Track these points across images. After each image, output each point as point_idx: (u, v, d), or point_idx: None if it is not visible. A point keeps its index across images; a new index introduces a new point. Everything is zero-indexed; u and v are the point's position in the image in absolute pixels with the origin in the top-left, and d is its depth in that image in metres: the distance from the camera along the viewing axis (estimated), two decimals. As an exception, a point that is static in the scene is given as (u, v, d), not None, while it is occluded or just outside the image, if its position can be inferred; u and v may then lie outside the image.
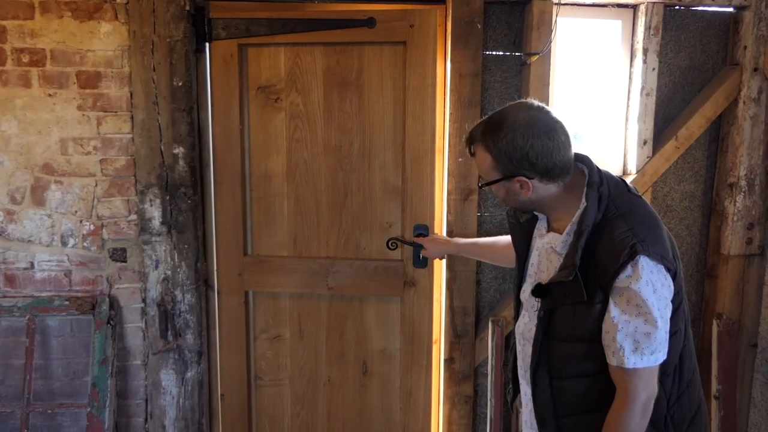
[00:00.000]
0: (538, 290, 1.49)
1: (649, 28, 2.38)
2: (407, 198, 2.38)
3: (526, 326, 1.59)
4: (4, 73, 2.26)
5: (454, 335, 2.47)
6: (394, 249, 2.36)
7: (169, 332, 2.41)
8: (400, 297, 2.44)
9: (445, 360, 2.49)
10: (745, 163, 2.45)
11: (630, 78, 2.48)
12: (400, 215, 2.41)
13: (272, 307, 2.54)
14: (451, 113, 2.36)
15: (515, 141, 1.39)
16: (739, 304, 2.54)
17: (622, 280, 1.34)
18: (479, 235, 2.42)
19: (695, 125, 2.44)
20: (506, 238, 2.01)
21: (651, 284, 1.35)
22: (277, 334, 2.56)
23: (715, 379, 2.52)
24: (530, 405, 1.59)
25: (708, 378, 2.55)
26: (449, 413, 2.52)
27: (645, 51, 2.40)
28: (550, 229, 1.55)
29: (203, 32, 2.33)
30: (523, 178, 1.42)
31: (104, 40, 2.26)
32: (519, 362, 1.66)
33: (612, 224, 1.39)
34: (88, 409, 2.30)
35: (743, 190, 2.46)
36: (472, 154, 1.48)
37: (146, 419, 2.48)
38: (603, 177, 1.46)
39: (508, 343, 2.45)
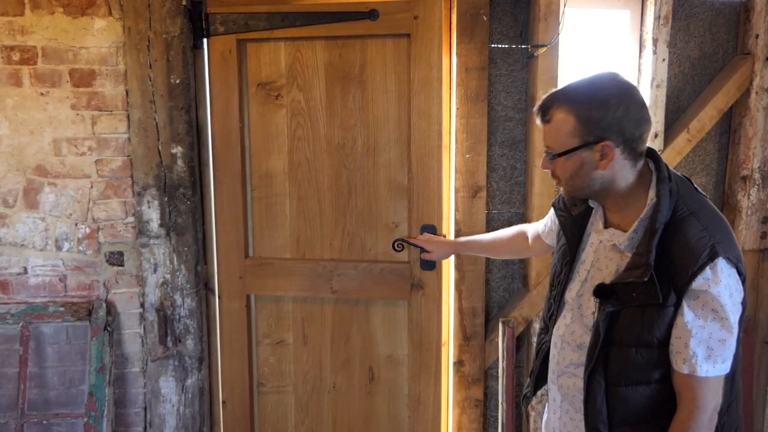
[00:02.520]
0: (602, 290, 1.41)
1: (659, 17, 2.39)
2: (413, 196, 2.37)
3: (568, 328, 1.54)
4: (-6, 72, 2.24)
5: (464, 337, 2.47)
6: (400, 250, 2.35)
7: (169, 338, 2.41)
8: (407, 300, 2.43)
9: (455, 363, 2.49)
10: (759, 155, 2.46)
11: (639, 69, 2.49)
12: (407, 215, 2.40)
13: (275, 312, 2.54)
14: (457, 108, 2.37)
15: (609, 101, 1.34)
16: (754, 300, 2.55)
17: (700, 283, 1.30)
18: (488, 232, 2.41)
19: (707, 117, 2.44)
20: (509, 230, 2.02)
21: (728, 288, 1.32)
22: (280, 339, 2.55)
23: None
24: (559, 412, 1.57)
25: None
26: (459, 418, 2.52)
27: (654, 41, 2.41)
28: (608, 224, 1.49)
29: (201, 28, 2.33)
30: (609, 144, 1.35)
31: (98, 37, 2.26)
32: (552, 366, 1.61)
33: (685, 223, 1.35)
34: (85, 419, 2.29)
35: (757, 182, 2.47)
36: (546, 121, 1.40)
37: (145, 428, 2.47)
38: (671, 173, 1.41)
39: (519, 344, 2.47)
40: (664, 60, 2.43)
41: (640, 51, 2.49)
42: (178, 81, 2.28)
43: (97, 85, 2.29)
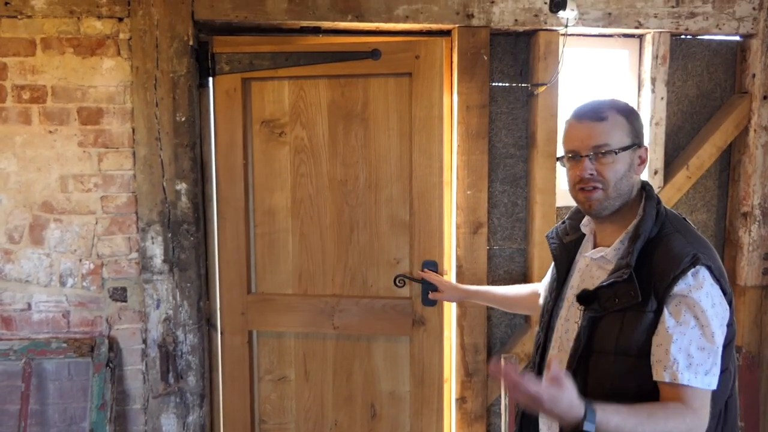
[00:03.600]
0: (585, 296, 1.46)
1: (657, 57, 2.47)
2: (415, 233, 2.40)
3: (556, 357, 1.55)
4: (4, 110, 2.32)
5: (466, 374, 2.48)
6: (401, 286, 2.39)
7: (171, 374, 2.42)
8: (409, 336, 2.44)
9: (457, 400, 2.50)
10: (759, 191, 2.51)
11: (638, 107, 2.55)
12: (408, 250, 2.42)
13: (277, 348, 2.55)
14: (458, 145, 2.42)
15: (638, 114, 1.50)
16: (758, 337, 2.57)
17: (681, 287, 1.33)
18: (489, 269, 2.48)
19: (706, 154, 2.50)
20: (524, 288, 2.04)
21: (710, 297, 1.34)
22: (282, 375, 2.56)
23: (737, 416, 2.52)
24: None
25: (729, 415, 2.57)
26: (462, 456, 2.51)
27: (653, 80, 2.48)
28: (596, 246, 1.56)
29: (206, 67, 2.40)
30: (646, 148, 1.49)
31: (106, 76, 2.33)
32: None
33: (669, 237, 1.41)
34: (86, 457, 2.27)
35: (758, 219, 2.52)
36: (602, 119, 1.45)
37: (146, 467, 2.45)
38: (659, 198, 1.51)
39: None
40: (662, 98, 2.49)
41: (639, 89, 2.56)
42: (183, 119, 2.33)
43: (105, 122, 2.34)
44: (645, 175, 2.50)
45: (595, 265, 1.53)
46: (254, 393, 2.57)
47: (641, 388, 1.38)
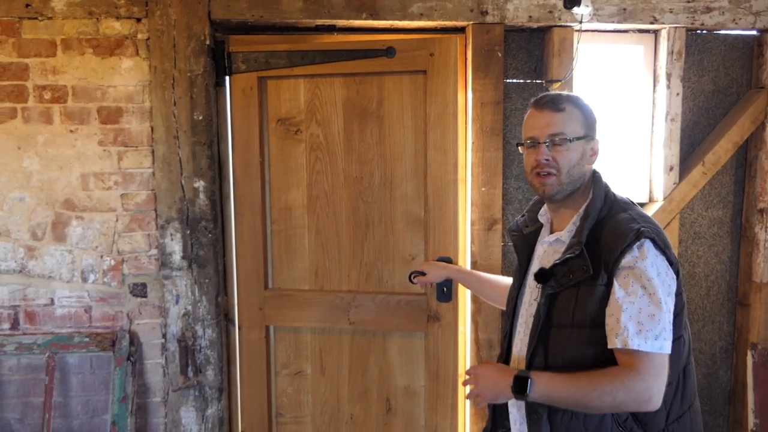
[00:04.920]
0: (541, 274, 1.55)
1: (672, 52, 2.49)
2: (430, 229, 2.43)
3: (522, 342, 1.62)
4: (27, 110, 2.39)
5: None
6: (416, 283, 2.37)
7: (190, 368, 2.48)
8: (424, 332, 2.47)
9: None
10: (775, 188, 2.50)
11: (654, 103, 2.57)
12: (423, 247, 2.46)
13: (293, 342, 2.60)
14: (473, 142, 2.45)
15: (592, 109, 1.61)
16: (774, 334, 2.60)
17: (627, 260, 1.43)
18: (503, 266, 2.50)
19: (722, 150, 2.52)
20: (504, 279, 2.10)
21: (656, 267, 1.43)
22: (299, 369, 2.61)
23: (752, 413, 2.55)
24: None
25: (744, 412, 2.59)
26: (476, 450, 2.53)
27: (668, 76, 2.50)
28: (553, 231, 1.68)
29: (223, 66, 2.45)
30: (598, 142, 1.61)
31: (125, 76, 2.39)
32: None
33: (616, 216, 1.52)
34: (108, 449, 2.33)
35: (774, 215, 2.54)
36: (560, 109, 1.57)
37: (166, 458, 2.51)
38: (608, 184, 1.63)
39: None
40: (678, 94, 2.51)
41: (654, 85, 2.57)
42: (201, 117, 2.39)
43: (124, 122, 2.41)
44: (659, 172, 2.56)
45: (551, 249, 1.63)
46: (271, 387, 2.62)
47: (598, 357, 1.46)
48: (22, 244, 2.45)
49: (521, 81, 2.52)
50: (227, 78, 2.48)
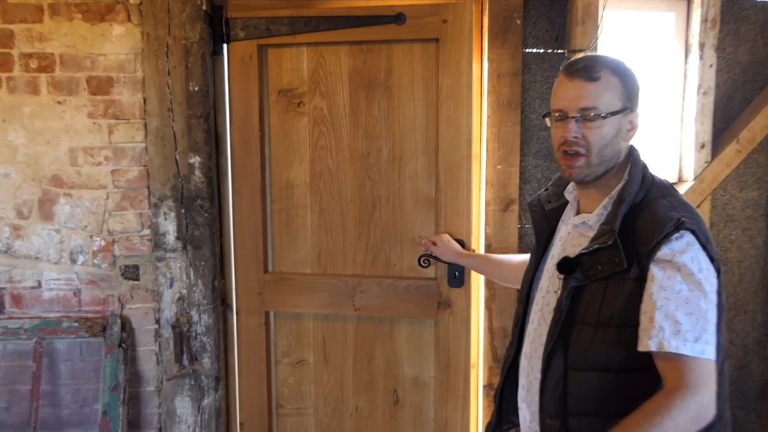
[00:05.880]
0: (565, 264, 1.47)
1: (706, 20, 2.42)
2: (441, 209, 2.41)
3: (536, 332, 1.58)
4: (12, 80, 2.37)
5: (494, 359, 2.49)
6: (426, 266, 2.40)
7: (185, 356, 2.47)
8: (434, 319, 2.46)
9: (484, 386, 2.52)
10: (816, 167, 2.45)
11: (685, 75, 2.52)
12: (434, 228, 2.44)
13: (295, 329, 2.59)
14: (488, 116, 2.41)
15: (636, 77, 1.50)
16: (812, 325, 2.54)
17: (665, 252, 1.35)
18: (520, 250, 2.47)
19: (758, 126, 2.46)
20: (515, 257, 2.09)
21: (697, 262, 1.35)
22: (301, 358, 2.61)
23: (787, 409, 2.52)
24: None
25: (778, 408, 2.55)
26: (489, 445, 2.54)
27: (701, 46, 2.44)
28: (579, 213, 1.61)
29: (221, 33, 2.42)
30: (637, 115, 1.50)
31: (116, 44, 2.36)
32: (522, 381, 1.63)
33: (654, 203, 1.44)
34: (99, 440, 2.35)
35: (814, 197, 2.47)
36: (594, 78, 1.45)
37: (160, 450, 2.53)
38: (646, 164, 1.53)
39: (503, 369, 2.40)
40: (711, 66, 2.45)
41: (686, 56, 2.52)
42: (196, 88, 2.36)
43: (115, 92, 2.38)
44: (690, 150, 2.51)
45: (576, 232, 1.56)
46: (271, 376, 2.62)
47: (626, 361, 1.39)
48: (8, 223, 2.44)
49: (541, 51, 2.46)
50: (225, 46, 2.45)
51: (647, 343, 1.32)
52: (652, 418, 1.28)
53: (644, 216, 1.42)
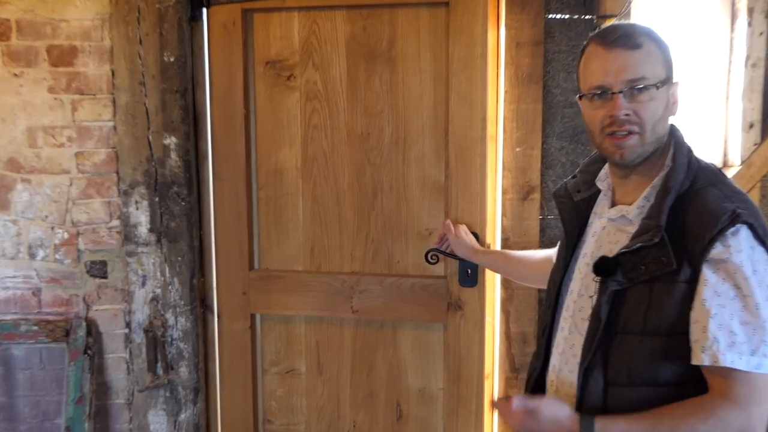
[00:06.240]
0: (603, 265, 1.42)
1: (756, -19, 2.34)
2: (452, 198, 2.34)
3: (567, 342, 1.53)
4: (-39, 50, 2.32)
5: (511, 369, 2.42)
6: (435, 263, 2.31)
7: (159, 364, 2.43)
8: (443, 323, 2.40)
9: (500, 400, 2.40)
10: None
11: (731, 45, 2.42)
12: (443, 219, 2.35)
13: (284, 334, 2.54)
14: (506, 91, 2.34)
15: (667, 43, 1.46)
16: None
17: (719, 250, 1.30)
18: (541, 244, 2.38)
19: (816, 103, 2.37)
20: (535, 253, 2.06)
21: (752, 261, 1.30)
22: (291, 367, 2.55)
23: None
24: None
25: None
26: (505, 466, 2.47)
27: (750, 11, 2.34)
28: (615, 204, 1.55)
29: (200, -5, 2.37)
30: (678, 85, 1.46)
31: (81, 8, 2.33)
32: (550, 396, 1.58)
33: (703, 192, 1.39)
34: (61, 459, 2.33)
35: None
36: (636, 46, 1.40)
37: (131, 471, 2.50)
38: (693, 153, 1.48)
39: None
40: (761, 34, 2.35)
41: (732, 23, 2.42)
42: (172, 59, 2.32)
43: (79, 64, 2.33)
44: (737, 130, 2.41)
45: (613, 227, 1.51)
46: (257, 388, 2.57)
47: (676, 375, 1.36)
48: (-43, 213, 2.41)
49: (566, 17, 2.36)
50: (204, 11, 2.41)
51: (700, 357, 1.29)
52: (689, 419, 1.30)
53: (693, 208, 1.37)
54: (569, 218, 1.64)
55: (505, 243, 2.37)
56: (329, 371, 2.53)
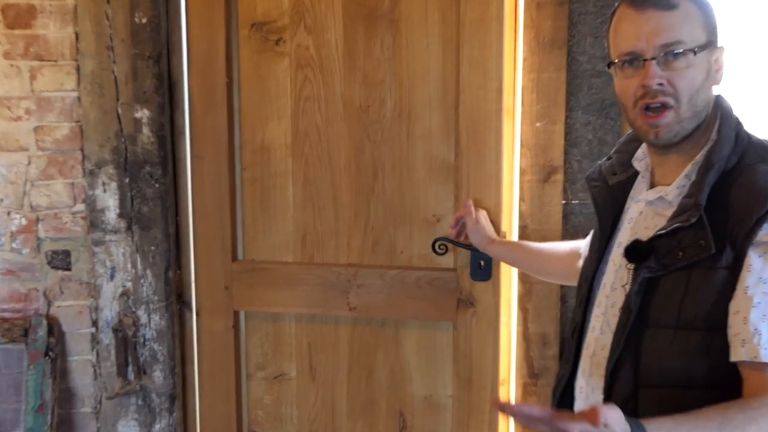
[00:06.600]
0: (636, 249, 1.40)
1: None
2: (462, 179, 2.28)
3: (598, 343, 1.51)
4: None
5: (530, 374, 2.37)
6: (443, 253, 2.26)
7: (130, 368, 2.40)
8: (452, 322, 2.35)
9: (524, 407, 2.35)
10: None
11: None
12: (453, 204, 2.32)
13: (272, 334, 2.51)
14: (525, 58, 2.30)
15: (712, 5, 1.42)
16: None
17: (767, 232, 1.28)
18: (565, 233, 2.33)
19: None
20: (559, 245, 2.08)
21: None
22: (279, 372, 2.52)
23: None
24: None
25: None
26: (522, 483, 2.46)
27: None
28: (654, 186, 1.53)
29: (175, -54, 2.37)
30: (723, 51, 1.43)
31: None
32: (579, 406, 1.56)
33: (753, 168, 1.36)
34: (19, 476, 2.30)
35: None
36: (671, 6, 1.37)
37: (99, 489, 2.51)
38: (739, 119, 1.47)
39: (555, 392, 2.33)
40: None
41: None
42: (144, 20, 2.30)
43: (38, 26, 2.29)
44: None
45: (651, 211, 1.50)
46: (242, 395, 2.54)
47: (713, 373, 1.33)
48: None
49: None
50: None
51: (739, 351, 1.26)
52: (733, 416, 1.23)
53: (739, 186, 1.35)
54: (603, 204, 1.63)
55: (523, 231, 2.34)
56: (323, 376, 2.50)
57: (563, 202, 2.33)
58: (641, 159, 1.57)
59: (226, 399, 2.50)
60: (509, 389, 2.43)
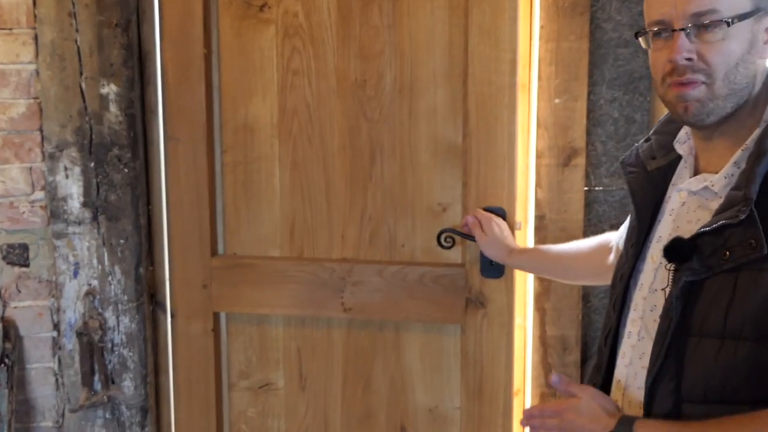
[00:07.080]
0: (676, 248, 1.37)
1: None
2: (471, 163, 2.25)
3: (636, 351, 1.49)
4: None
5: (548, 383, 2.30)
6: (449, 247, 2.25)
7: (97, 377, 2.37)
8: (460, 324, 2.33)
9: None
10: None
11: None
12: (461, 191, 2.29)
13: (257, 339, 2.50)
14: (542, 26, 2.28)
15: None
16: None
17: None
18: (587, 225, 2.32)
19: None
20: (584, 242, 2.08)
21: None
22: (265, 381, 2.50)
23: None
24: None
25: None
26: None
27: None
28: (698, 173, 1.51)
29: None
30: None
31: None
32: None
33: None
34: (-29, 500, 2.29)
35: None
36: None
37: None
38: None
39: None
40: None
41: None
42: None
43: None
44: None
45: (694, 201, 1.47)
46: (222, 407, 2.53)
47: (763, 390, 1.29)
48: None
49: None
50: None
51: None
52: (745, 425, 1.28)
53: None
54: (642, 193, 1.60)
55: (541, 222, 2.32)
56: (314, 386, 2.48)
57: (585, 188, 2.32)
58: (684, 141, 1.54)
59: (204, 412, 2.49)
60: (524, 400, 2.42)
